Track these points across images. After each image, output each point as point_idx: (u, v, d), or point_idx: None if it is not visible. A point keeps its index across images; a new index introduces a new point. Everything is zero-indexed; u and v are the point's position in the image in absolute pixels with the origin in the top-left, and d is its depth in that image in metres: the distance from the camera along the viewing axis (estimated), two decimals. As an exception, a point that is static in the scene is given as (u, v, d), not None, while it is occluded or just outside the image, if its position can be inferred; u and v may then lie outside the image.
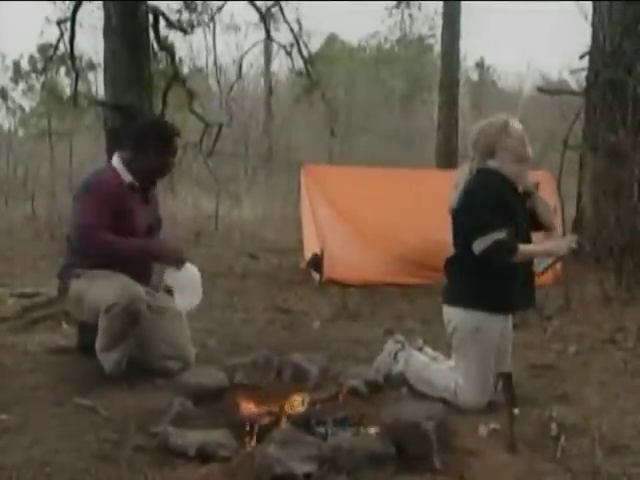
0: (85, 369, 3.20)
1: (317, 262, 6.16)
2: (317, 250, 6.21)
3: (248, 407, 2.66)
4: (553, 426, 2.65)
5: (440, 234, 5.85)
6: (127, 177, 3.23)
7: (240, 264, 7.34)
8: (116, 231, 3.08)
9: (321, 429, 2.45)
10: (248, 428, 2.49)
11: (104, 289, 3.00)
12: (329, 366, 3.23)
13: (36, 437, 2.44)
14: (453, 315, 2.95)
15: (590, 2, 7.18)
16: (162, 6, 9.99)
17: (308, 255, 6.62)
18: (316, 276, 6.16)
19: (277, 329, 4.44)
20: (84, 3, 9.55)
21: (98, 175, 3.30)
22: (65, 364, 3.36)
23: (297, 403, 2.71)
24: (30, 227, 10.03)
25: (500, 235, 2.73)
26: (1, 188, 14.01)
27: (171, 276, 3.28)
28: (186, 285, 3.27)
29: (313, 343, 3.94)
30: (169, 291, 3.36)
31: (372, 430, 2.45)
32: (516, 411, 2.59)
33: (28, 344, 3.74)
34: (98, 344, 3.07)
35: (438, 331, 4.44)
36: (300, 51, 11.31)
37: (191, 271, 3.30)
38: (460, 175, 2.95)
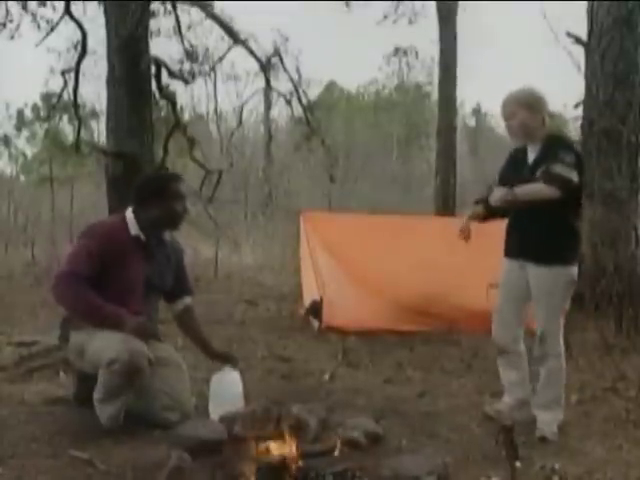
0: (82, 420, 3.16)
1: (316, 309, 6.15)
2: (316, 296, 6.20)
3: (246, 460, 2.63)
4: (556, 479, 2.62)
5: (439, 281, 5.93)
6: (134, 230, 3.23)
7: (239, 311, 7.31)
8: (104, 280, 3.07)
9: (320, 482, 2.42)
10: (246, 482, 2.46)
11: (105, 343, 2.98)
12: (328, 417, 3.19)
13: (31, 492, 2.41)
14: None
15: (582, 51, 7.34)
16: (164, 55, 10.24)
17: (307, 301, 6.61)
18: (315, 323, 6.14)
19: (276, 378, 4.41)
20: (88, 52, 9.79)
21: (105, 221, 3.38)
22: (62, 415, 3.32)
23: (296, 455, 2.68)
24: (30, 273, 10.03)
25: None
26: (1, 234, 14.05)
27: (213, 382, 3.36)
28: (223, 392, 3.31)
29: (312, 392, 3.90)
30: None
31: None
32: (518, 464, 2.56)
33: (25, 394, 3.70)
34: (96, 395, 3.05)
35: (438, 379, 4.43)
36: (300, 99, 11.51)
37: (230, 377, 3.35)
38: None
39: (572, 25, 7.58)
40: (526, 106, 3.20)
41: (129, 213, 3.27)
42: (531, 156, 3.26)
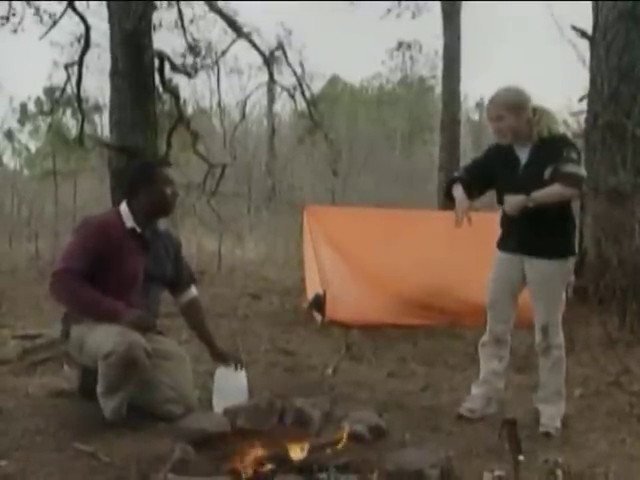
0: (86, 413, 3.17)
1: (319, 302, 6.15)
2: (319, 290, 6.20)
3: (250, 453, 2.64)
4: (559, 473, 2.61)
5: (442, 275, 5.92)
6: (129, 222, 3.22)
7: (242, 304, 7.32)
8: (102, 275, 3.07)
9: (323, 475, 2.42)
10: (250, 474, 2.46)
11: (103, 335, 2.98)
12: (332, 410, 3.20)
13: (36, 484, 2.42)
14: None
15: (587, 45, 7.30)
16: (167, 49, 10.22)
17: (310, 295, 6.61)
18: (318, 317, 6.14)
19: (279, 371, 4.42)
20: (91, 46, 9.79)
21: (100, 216, 3.34)
22: (66, 408, 3.33)
23: (299, 449, 2.68)
24: (34, 267, 10.04)
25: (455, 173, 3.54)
26: (5, 228, 14.08)
27: (217, 376, 3.39)
28: (226, 385, 3.33)
29: (315, 386, 3.91)
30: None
31: (374, 477, 2.42)
32: (521, 457, 2.56)
33: (29, 387, 3.72)
34: (98, 389, 3.05)
35: (441, 373, 4.44)
36: (303, 93, 11.48)
37: (235, 373, 3.38)
38: None
39: (577, 21, 7.54)
40: (514, 110, 3.20)
41: (123, 206, 3.26)
42: (522, 156, 3.26)
